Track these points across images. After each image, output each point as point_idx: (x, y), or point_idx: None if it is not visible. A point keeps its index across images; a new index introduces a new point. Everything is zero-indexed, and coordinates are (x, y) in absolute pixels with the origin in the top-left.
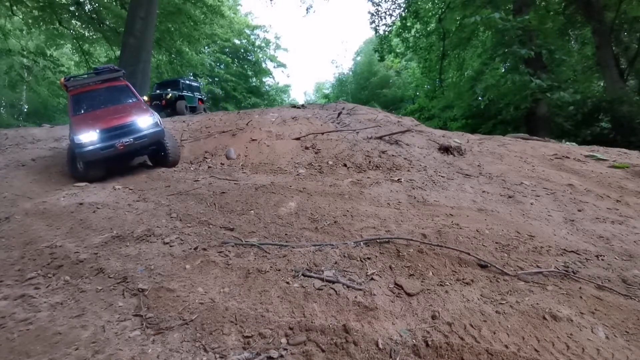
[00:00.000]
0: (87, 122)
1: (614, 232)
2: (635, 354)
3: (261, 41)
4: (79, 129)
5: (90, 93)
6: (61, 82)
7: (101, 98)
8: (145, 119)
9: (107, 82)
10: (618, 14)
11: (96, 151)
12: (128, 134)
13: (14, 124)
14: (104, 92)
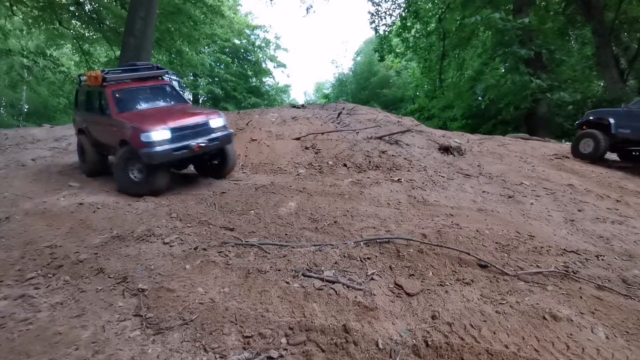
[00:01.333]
0: (150, 119)
1: (614, 232)
2: (635, 354)
3: (261, 41)
4: (145, 125)
5: (133, 90)
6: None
7: (147, 97)
8: (217, 119)
9: (150, 80)
10: (618, 14)
11: (168, 152)
12: (202, 134)
13: (14, 124)
14: (148, 91)
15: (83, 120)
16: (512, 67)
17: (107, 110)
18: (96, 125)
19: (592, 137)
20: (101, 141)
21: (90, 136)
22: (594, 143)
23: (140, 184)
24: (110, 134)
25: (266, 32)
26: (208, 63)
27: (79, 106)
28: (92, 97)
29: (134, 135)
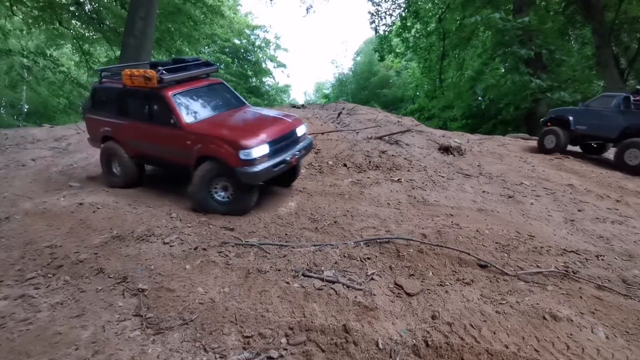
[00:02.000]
0: (240, 131)
1: (614, 232)
2: (635, 354)
3: (261, 41)
4: (243, 139)
5: (193, 92)
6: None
7: (208, 99)
8: (301, 127)
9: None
10: (618, 14)
11: (269, 169)
12: (292, 144)
13: (14, 124)
14: (208, 92)
15: (111, 126)
16: (512, 67)
17: (167, 119)
18: (142, 135)
19: (554, 134)
20: (151, 154)
21: (128, 147)
22: (555, 138)
23: (227, 204)
24: (173, 147)
25: (266, 32)
26: None
27: (99, 108)
28: (130, 100)
29: (229, 152)
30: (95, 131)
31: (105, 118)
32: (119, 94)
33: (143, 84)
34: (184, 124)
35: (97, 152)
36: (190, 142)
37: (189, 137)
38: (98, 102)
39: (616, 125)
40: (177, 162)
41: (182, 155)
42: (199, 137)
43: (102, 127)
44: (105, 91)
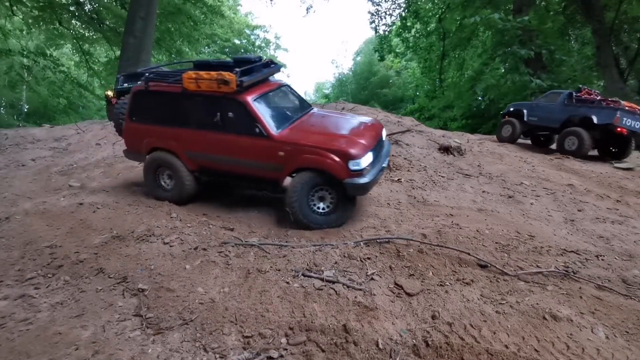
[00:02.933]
0: (341, 139)
1: (614, 232)
2: (635, 354)
3: (261, 41)
4: (351, 148)
5: (268, 96)
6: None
7: (283, 104)
8: (384, 130)
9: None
10: (618, 14)
11: (375, 179)
12: (386, 153)
13: (14, 124)
14: (280, 95)
15: (164, 136)
16: (512, 67)
17: (248, 128)
18: (211, 146)
19: (511, 124)
20: (223, 168)
21: (189, 159)
22: (512, 128)
23: (328, 216)
24: (258, 160)
25: (266, 32)
26: None
27: (144, 115)
28: (193, 106)
29: (336, 163)
30: (138, 141)
31: (156, 126)
32: (176, 100)
33: (215, 88)
34: (274, 133)
35: (97, 152)
36: (284, 154)
37: (281, 147)
38: (143, 109)
39: (559, 117)
40: (261, 175)
41: (269, 168)
42: (296, 148)
43: (150, 137)
44: (154, 96)
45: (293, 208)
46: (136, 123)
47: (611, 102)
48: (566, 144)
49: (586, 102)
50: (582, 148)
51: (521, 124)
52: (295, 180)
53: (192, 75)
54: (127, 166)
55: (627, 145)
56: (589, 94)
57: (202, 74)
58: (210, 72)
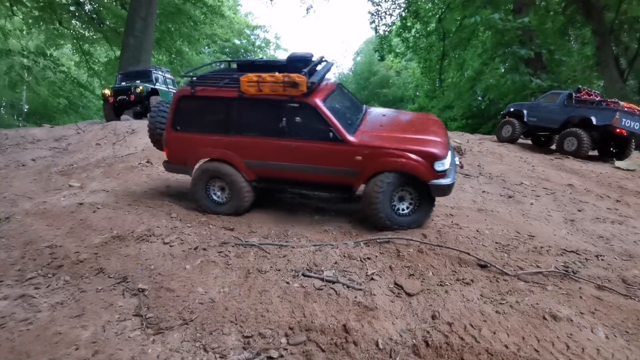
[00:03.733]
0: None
1: (614, 232)
2: (635, 354)
3: (261, 41)
4: (436, 149)
5: (332, 97)
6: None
7: (344, 103)
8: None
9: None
10: (618, 14)
11: (455, 179)
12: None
13: (14, 124)
14: (340, 96)
15: (219, 145)
16: (512, 67)
17: (321, 132)
18: (276, 154)
19: (511, 124)
20: (290, 176)
21: (248, 169)
22: (511, 128)
23: (410, 216)
24: (332, 165)
25: (266, 32)
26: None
27: (191, 123)
28: (252, 112)
29: (421, 165)
30: (184, 153)
31: (207, 135)
32: (231, 105)
33: (280, 91)
34: (349, 137)
35: (97, 152)
36: (362, 158)
37: (358, 152)
38: (190, 117)
39: (559, 118)
40: (332, 181)
41: (343, 174)
42: (375, 151)
43: (200, 147)
44: (203, 102)
45: (375, 211)
46: (182, 132)
47: (610, 103)
48: (565, 145)
49: (585, 103)
50: (582, 149)
51: (521, 124)
52: (376, 183)
53: (253, 78)
54: (127, 166)
55: (627, 145)
56: (588, 95)
57: (265, 76)
58: (275, 75)
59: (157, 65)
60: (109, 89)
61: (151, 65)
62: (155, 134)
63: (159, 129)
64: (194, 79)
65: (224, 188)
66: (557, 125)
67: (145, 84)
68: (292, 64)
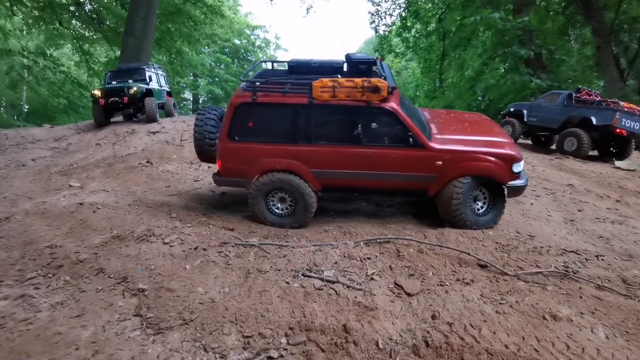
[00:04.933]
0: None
1: (614, 232)
2: (635, 354)
3: (261, 41)
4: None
5: (402, 100)
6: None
7: (408, 106)
8: None
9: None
10: (618, 14)
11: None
12: None
13: (14, 124)
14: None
15: (286, 155)
16: (512, 67)
17: (400, 138)
18: (350, 162)
19: (511, 124)
20: (363, 184)
21: (316, 178)
22: (511, 128)
23: (486, 216)
24: (410, 171)
25: (266, 32)
26: (208, 63)
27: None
28: (324, 118)
29: (501, 167)
30: (242, 164)
31: (269, 145)
32: (298, 112)
33: (358, 97)
34: (429, 142)
35: (97, 152)
36: (442, 163)
37: (438, 157)
38: (249, 125)
39: (559, 118)
40: (409, 187)
41: (421, 179)
42: (456, 156)
43: (262, 157)
44: (265, 109)
45: (458, 213)
46: (240, 143)
47: (610, 103)
48: (565, 145)
49: (585, 103)
50: (582, 149)
51: (521, 124)
52: (456, 186)
53: (328, 84)
54: (127, 166)
55: (627, 145)
56: (588, 95)
57: (342, 81)
58: (353, 79)
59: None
60: (100, 89)
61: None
62: (203, 144)
63: (208, 138)
64: (257, 84)
65: (284, 199)
66: (557, 125)
67: (139, 83)
68: (354, 65)
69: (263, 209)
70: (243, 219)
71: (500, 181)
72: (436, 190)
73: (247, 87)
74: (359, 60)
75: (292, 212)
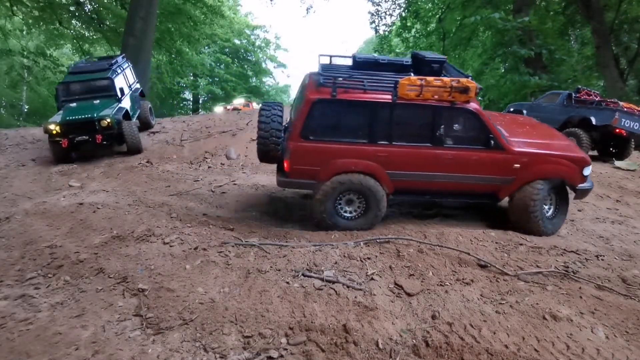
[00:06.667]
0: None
1: (614, 232)
2: (635, 354)
3: (261, 41)
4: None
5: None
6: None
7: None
8: None
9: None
10: (618, 14)
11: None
12: None
13: (14, 124)
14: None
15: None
16: (512, 67)
17: (481, 140)
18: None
19: None
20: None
21: (390, 180)
22: None
23: (552, 219)
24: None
25: (266, 32)
26: (208, 63)
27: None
28: (407, 118)
29: (574, 170)
30: (317, 164)
31: (345, 145)
32: (379, 111)
33: (445, 96)
34: (508, 145)
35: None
36: (520, 165)
37: (517, 159)
38: (326, 123)
39: (558, 118)
40: (483, 190)
41: (498, 182)
42: (534, 159)
43: (339, 157)
44: (345, 107)
45: (535, 218)
46: (314, 142)
47: (610, 103)
48: None
49: (585, 103)
50: (581, 149)
51: None
52: (533, 190)
53: (416, 82)
54: (127, 166)
55: (627, 145)
56: (588, 95)
57: (431, 79)
58: (442, 78)
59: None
60: (57, 124)
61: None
62: (269, 143)
63: (275, 137)
64: (340, 79)
65: (351, 202)
66: (557, 125)
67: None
68: (426, 64)
69: (332, 213)
70: (243, 219)
71: (571, 184)
72: (508, 194)
73: (324, 82)
74: (433, 60)
75: (361, 215)
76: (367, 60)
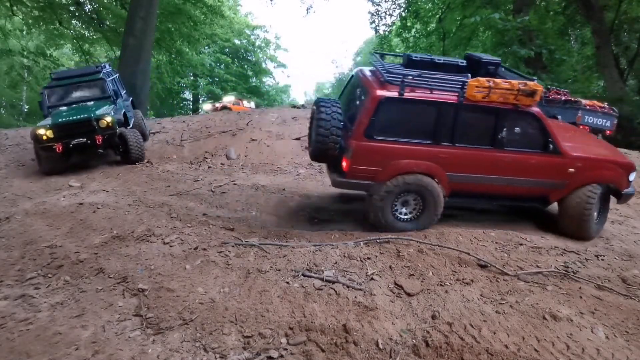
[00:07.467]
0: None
1: (614, 232)
2: (635, 354)
3: (261, 41)
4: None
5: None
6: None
7: None
8: None
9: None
10: (618, 14)
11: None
12: None
13: (14, 124)
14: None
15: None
16: (512, 67)
17: (540, 144)
18: (485, 166)
19: None
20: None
21: (449, 182)
22: None
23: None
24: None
25: (266, 32)
26: (208, 63)
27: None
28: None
29: (622, 175)
30: (379, 164)
31: (412, 146)
32: (446, 111)
33: (511, 99)
34: (566, 149)
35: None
36: (575, 170)
37: (573, 164)
38: (392, 123)
39: None
40: (536, 194)
41: (553, 186)
42: (588, 163)
43: (402, 158)
44: (411, 106)
45: (588, 223)
46: (379, 142)
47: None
48: None
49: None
50: None
51: None
52: (587, 195)
53: (484, 83)
54: (127, 166)
55: None
56: (557, 94)
57: (499, 81)
58: (511, 81)
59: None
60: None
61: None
62: (329, 142)
63: (335, 135)
64: (409, 78)
65: (406, 203)
66: None
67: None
68: (483, 66)
69: (388, 214)
70: (243, 219)
71: (618, 189)
72: (558, 198)
73: (389, 80)
74: (490, 62)
75: (417, 216)
76: (423, 60)
